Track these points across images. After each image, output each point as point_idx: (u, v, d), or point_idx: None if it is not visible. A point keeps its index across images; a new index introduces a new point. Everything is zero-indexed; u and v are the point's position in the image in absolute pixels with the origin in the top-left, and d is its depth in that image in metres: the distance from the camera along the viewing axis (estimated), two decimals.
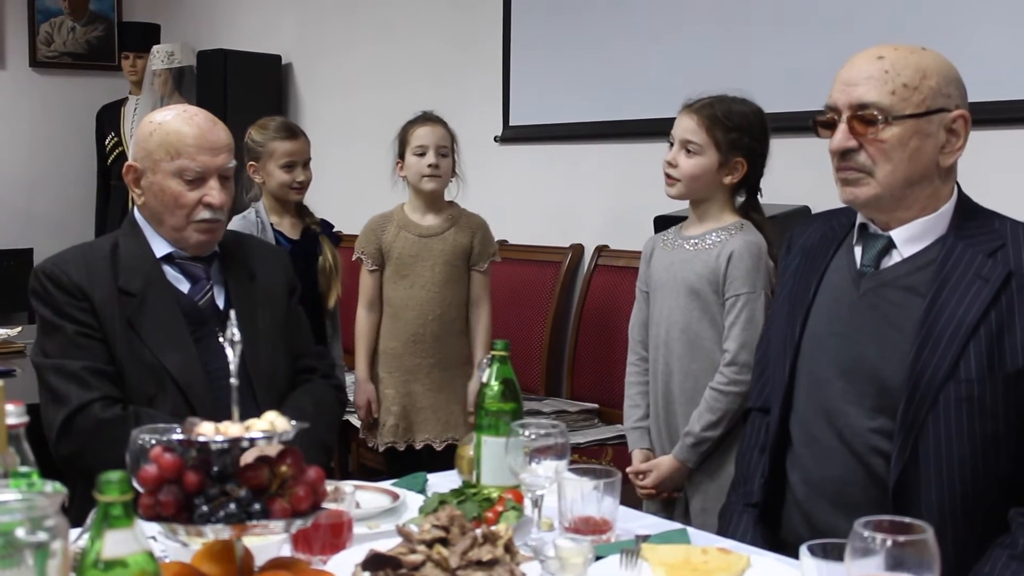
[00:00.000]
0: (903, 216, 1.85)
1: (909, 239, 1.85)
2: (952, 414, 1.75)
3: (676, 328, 2.60)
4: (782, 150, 2.99)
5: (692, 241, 2.62)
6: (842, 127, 1.82)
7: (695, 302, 2.58)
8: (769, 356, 2.05)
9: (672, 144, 2.60)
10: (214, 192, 2.23)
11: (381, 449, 3.31)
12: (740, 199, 2.65)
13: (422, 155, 3.22)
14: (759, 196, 2.66)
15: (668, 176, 2.59)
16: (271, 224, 3.34)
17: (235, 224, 3.27)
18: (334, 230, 3.61)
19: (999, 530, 1.75)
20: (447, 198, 3.34)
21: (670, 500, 2.65)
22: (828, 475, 1.87)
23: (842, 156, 1.83)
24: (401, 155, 3.29)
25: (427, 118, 3.29)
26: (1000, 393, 1.74)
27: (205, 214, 2.23)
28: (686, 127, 2.57)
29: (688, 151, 2.55)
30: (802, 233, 2.07)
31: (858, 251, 1.91)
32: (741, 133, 2.55)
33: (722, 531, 1.99)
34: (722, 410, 2.53)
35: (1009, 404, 1.75)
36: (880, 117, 1.78)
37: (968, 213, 1.86)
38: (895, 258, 1.86)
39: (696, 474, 2.59)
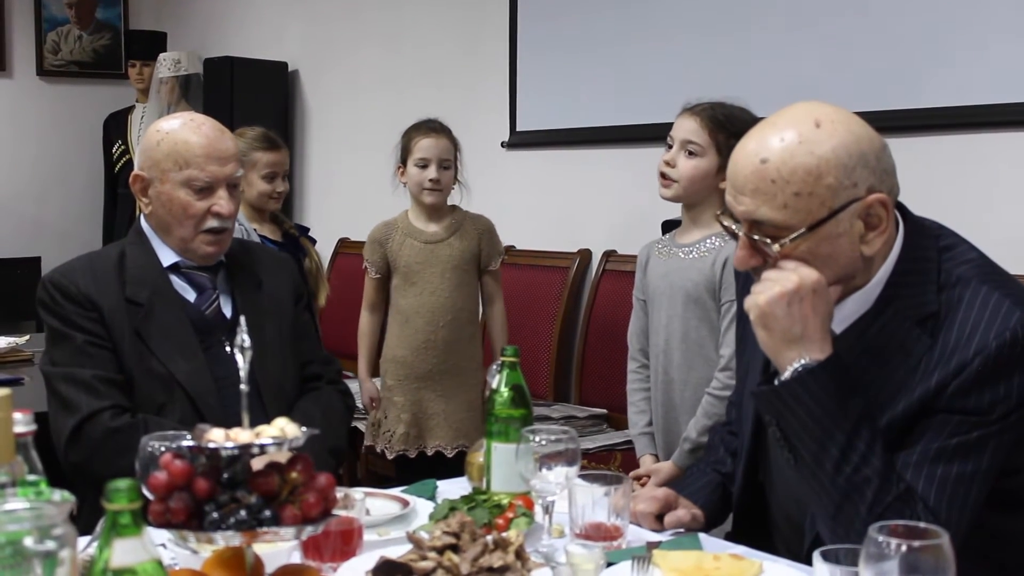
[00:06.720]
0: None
1: (839, 319, 1.64)
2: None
3: (675, 337, 2.60)
4: None
5: (686, 249, 2.61)
6: (743, 242, 1.60)
7: (694, 310, 2.57)
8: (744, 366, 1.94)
9: (671, 145, 2.58)
10: (222, 202, 2.22)
11: (391, 457, 3.30)
12: None
13: (424, 167, 3.21)
14: None
15: (664, 177, 2.58)
16: (254, 229, 3.34)
17: None
18: (309, 232, 3.66)
19: (991, 572, 1.67)
20: (449, 203, 3.33)
21: None
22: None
23: (753, 269, 1.62)
24: (403, 161, 3.28)
25: (431, 128, 3.27)
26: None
27: (213, 223, 2.23)
28: (688, 128, 2.55)
29: (689, 152, 2.54)
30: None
31: None
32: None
33: (678, 487, 1.93)
34: (717, 415, 2.50)
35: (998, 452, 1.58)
36: (778, 236, 1.55)
37: (906, 270, 1.62)
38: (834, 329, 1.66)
39: None
